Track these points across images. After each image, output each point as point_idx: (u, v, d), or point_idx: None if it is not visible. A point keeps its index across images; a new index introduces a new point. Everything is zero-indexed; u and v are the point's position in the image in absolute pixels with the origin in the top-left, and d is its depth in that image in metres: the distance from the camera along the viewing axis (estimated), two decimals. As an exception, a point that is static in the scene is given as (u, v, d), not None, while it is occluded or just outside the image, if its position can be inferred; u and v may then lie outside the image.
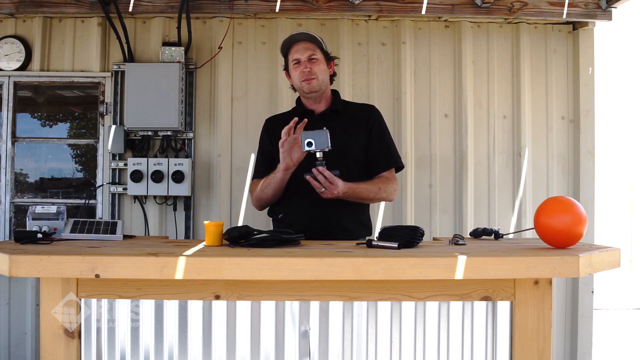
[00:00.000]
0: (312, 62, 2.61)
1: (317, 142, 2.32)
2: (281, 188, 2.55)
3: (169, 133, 3.58)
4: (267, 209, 2.76)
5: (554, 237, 2.03)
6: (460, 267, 1.81)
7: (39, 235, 2.19)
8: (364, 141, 2.66)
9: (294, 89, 2.74)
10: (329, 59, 2.70)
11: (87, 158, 3.73)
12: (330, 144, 2.33)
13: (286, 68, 2.72)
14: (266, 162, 2.66)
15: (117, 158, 3.62)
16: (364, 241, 2.13)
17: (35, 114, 3.78)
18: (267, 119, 2.84)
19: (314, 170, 2.35)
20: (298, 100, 2.76)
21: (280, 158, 2.46)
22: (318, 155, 2.35)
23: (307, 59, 2.61)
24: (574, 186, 3.76)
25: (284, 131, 2.42)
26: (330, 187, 2.37)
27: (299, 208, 2.58)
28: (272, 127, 2.70)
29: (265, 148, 2.72)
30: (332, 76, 2.73)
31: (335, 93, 2.76)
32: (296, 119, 2.44)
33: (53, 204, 3.39)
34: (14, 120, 3.67)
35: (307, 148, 2.33)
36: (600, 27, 3.79)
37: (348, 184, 2.44)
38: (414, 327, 1.98)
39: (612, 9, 3.63)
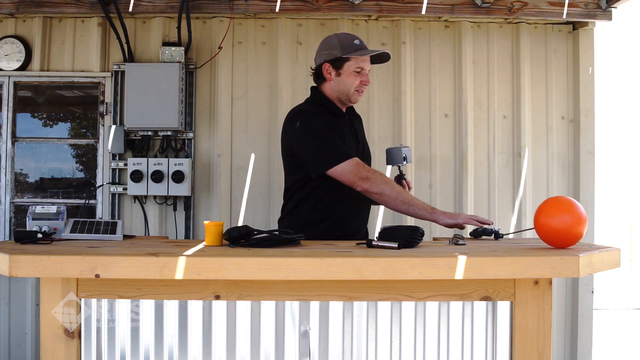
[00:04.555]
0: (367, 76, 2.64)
1: (408, 157, 2.67)
2: (405, 214, 2.51)
3: (169, 133, 3.58)
4: (292, 209, 2.60)
5: (554, 237, 2.03)
6: (460, 267, 1.81)
7: (39, 235, 2.19)
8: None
9: (314, 75, 2.59)
10: None
11: (87, 158, 3.72)
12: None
13: (334, 63, 2.54)
14: (343, 141, 2.52)
15: (117, 158, 3.62)
16: (364, 241, 2.13)
17: (35, 114, 3.78)
18: (309, 109, 2.60)
19: (403, 181, 2.66)
20: (320, 94, 2.61)
21: (453, 216, 2.41)
22: (402, 168, 2.68)
23: (368, 72, 2.61)
24: (574, 186, 3.76)
25: (478, 219, 2.42)
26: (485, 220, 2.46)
27: (352, 212, 2.61)
28: (322, 115, 2.57)
29: (334, 130, 2.53)
30: None
31: None
32: (491, 221, 2.47)
33: (53, 204, 3.39)
34: (14, 120, 3.67)
35: (404, 163, 2.64)
36: (600, 27, 3.80)
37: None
38: (414, 327, 1.98)
39: (612, 9, 3.63)
